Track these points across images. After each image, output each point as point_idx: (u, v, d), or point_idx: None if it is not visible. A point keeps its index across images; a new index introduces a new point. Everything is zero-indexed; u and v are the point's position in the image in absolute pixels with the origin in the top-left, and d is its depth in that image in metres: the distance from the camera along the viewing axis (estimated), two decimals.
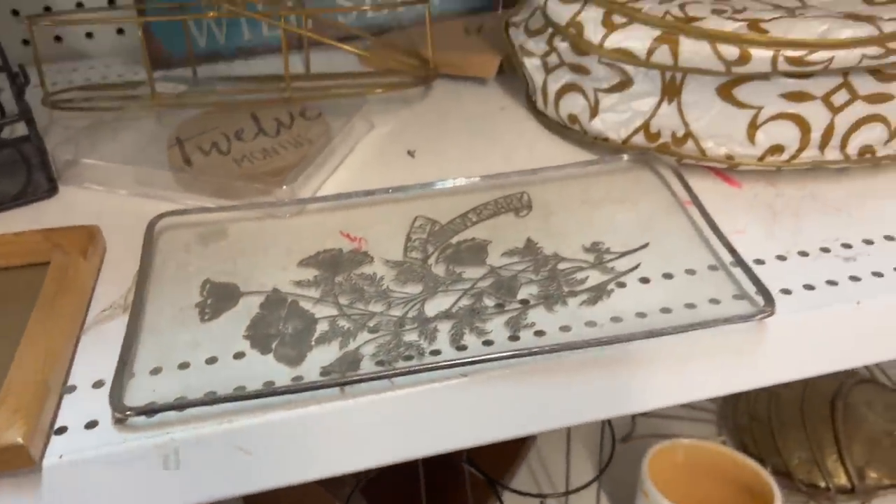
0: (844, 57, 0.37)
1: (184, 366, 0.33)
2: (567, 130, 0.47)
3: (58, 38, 0.62)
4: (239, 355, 0.33)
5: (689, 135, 0.42)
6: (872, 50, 0.37)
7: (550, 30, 0.45)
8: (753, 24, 0.38)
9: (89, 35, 0.62)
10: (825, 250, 0.38)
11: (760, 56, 0.38)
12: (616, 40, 0.40)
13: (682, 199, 0.41)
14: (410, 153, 0.48)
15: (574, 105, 0.46)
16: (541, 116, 0.50)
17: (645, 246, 0.38)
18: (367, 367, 0.32)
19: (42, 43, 0.60)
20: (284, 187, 0.42)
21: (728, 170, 0.43)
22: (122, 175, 0.45)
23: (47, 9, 0.60)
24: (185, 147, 0.45)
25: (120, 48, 0.62)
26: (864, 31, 0.37)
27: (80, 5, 0.61)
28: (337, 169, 0.46)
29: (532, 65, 0.48)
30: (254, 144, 0.45)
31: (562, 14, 0.43)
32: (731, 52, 0.38)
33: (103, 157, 0.46)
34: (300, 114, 0.48)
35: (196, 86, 0.55)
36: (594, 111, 0.44)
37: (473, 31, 0.59)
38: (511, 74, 0.54)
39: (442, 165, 0.46)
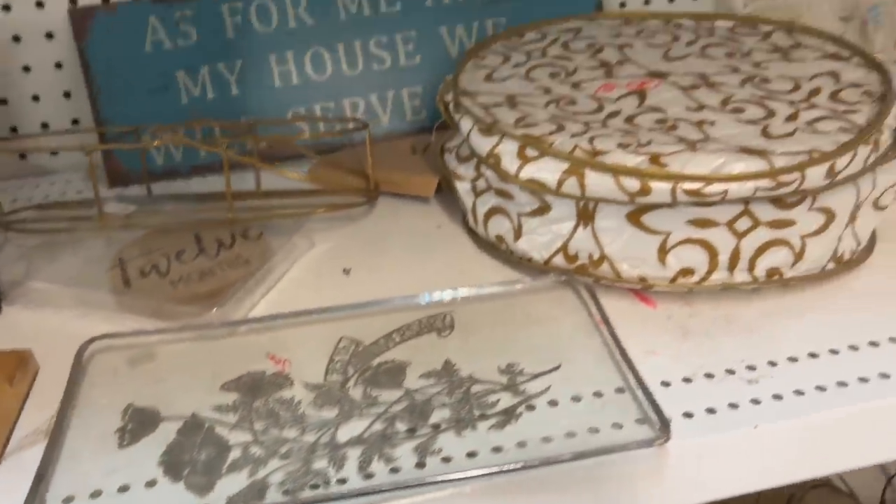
0: (738, 189, 0.40)
1: (96, 494, 0.33)
2: (496, 250, 0.49)
3: (22, 156, 0.65)
4: (151, 483, 0.34)
5: (604, 257, 0.44)
6: (764, 183, 0.40)
7: (476, 158, 0.48)
8: (654, 158, 0.41)
9: (53, 153, 0.65)
10: (730, 372, 0.39)
11: (660, 188, 0.40)
12: (530, 172, 0.43)
13: (598, 320, 0.43)
14: (346, 271, 0.49)
15: (500, 226, 0.48)
16: (473, 235, 0.52)
17: (557, 368, 0.40)
18: (272, 496, 0.33)
19: (6, 161, 0.63)
20: (216, 310, 0.43)
21: (644, 290, 0.45)
22: (66, 296, 0.46)
23: (14, 129, 0.64)
24: (127, 268, 0.47)
25: (82, 165, 0.65)
26: (757, 165, 0.40)
27: (45, 125, 0.64)
28: (273, 288, 0.48)
29: (463, 188, 0.50)
30: (192, 266, 0.47)
31: (482, 146, 0.45)
32: (632, 184, 0.40)
33: (49, 278, 0.47)
34: (242, 234, 0.50)
35: (150, 204, 0.58)
36: (518, 233, 0.47)
37: (420, 150, 0.62)
38: (450, 193, 0.57)
39: (376, 283, 0.48)
